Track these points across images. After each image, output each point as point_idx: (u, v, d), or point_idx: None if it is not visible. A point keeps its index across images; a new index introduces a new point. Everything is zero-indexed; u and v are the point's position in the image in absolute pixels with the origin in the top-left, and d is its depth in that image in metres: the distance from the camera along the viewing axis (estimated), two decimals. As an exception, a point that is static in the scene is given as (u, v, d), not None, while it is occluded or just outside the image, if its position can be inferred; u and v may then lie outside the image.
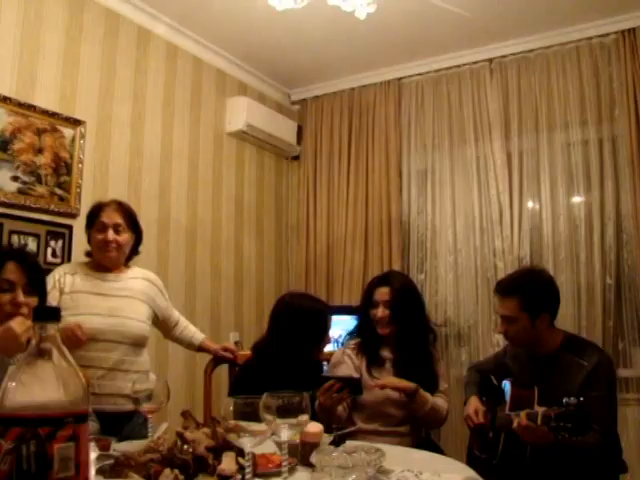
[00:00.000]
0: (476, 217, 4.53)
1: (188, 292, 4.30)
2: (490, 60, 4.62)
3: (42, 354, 0.97)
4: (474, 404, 2.76)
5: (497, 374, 2.80)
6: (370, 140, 5.02)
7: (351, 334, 3.04)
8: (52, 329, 0.98)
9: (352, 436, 2.26)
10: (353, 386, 2.48)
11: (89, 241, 2.92)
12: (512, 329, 2.63)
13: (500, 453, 2.57)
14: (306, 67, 4.98)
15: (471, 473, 1.75)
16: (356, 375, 2.72)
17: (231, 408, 1.37)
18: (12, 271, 1.99)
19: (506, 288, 2.69)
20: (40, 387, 0.94)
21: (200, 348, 3.29)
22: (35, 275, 2.06)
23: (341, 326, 3.83)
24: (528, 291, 2.63)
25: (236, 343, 4.56)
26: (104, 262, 2.84)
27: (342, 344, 3.09)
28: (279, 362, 2.76)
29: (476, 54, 4.65)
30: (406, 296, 2.95)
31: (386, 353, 2.88)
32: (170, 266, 4.17)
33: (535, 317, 2.58)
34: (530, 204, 4.42)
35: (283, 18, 3.79)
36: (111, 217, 2.85)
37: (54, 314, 0.99)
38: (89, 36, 3.76)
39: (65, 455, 0.91)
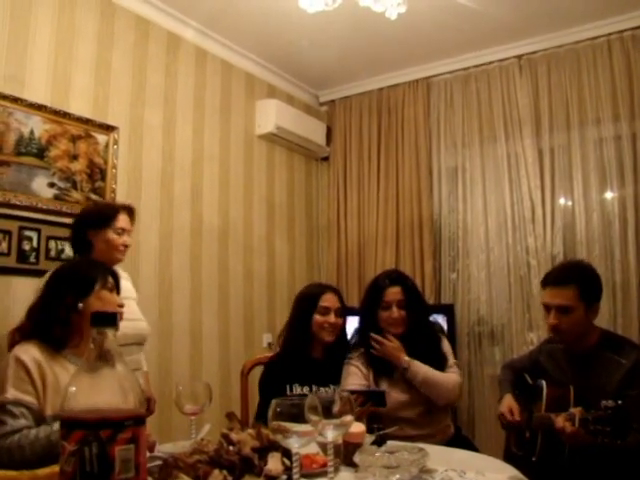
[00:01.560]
0: (508, 215, 4.50)
1: (221, 295, 4.34)
2: (519, 57, 4.59)
3: (101, 359, 0.99)
4: (508, 402, 2.73)
5: (531, 372, 2.77)
6: (399, 139, 5.02)
7: (354, 343, 3.00)
8: (111, 334, 1.00)
9: None
10: (377, 399, 2.48)
11: (89, 238, 2.89)
12: (566, 320, 2.54)
13: (539, 452, 2.55)
14: (334, 68, 4.99)
15: (515, 472, 1.75)
16: (379, 388, 2.70)
17: (278, 409, 1.38)
18: (124, 220, 2.19)
19: (562, 277, 2.60)
20: (100, 391, 0.97)
21: None
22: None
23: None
24: (585, 279, 2.58)
25: (269, 345, 4.60)
26: (112, 263, 2.79)
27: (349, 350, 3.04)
28: (283, 355, 2.88)
29: (505, 51, 4.62)
30: (418, 294, 2.96)
31: None
32: (203, 269, 4.21)
33: (589, 307, 2.54)
34: (562, 201, 4.39)
35: (311, 20, 3.81)
36: (126, 222, 2.95)
37: (112, 319, 1.01)
38: (120, 43, 3.82)
39: (125, 457, 0.93)
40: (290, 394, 2.70)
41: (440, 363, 2.83)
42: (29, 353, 1.94)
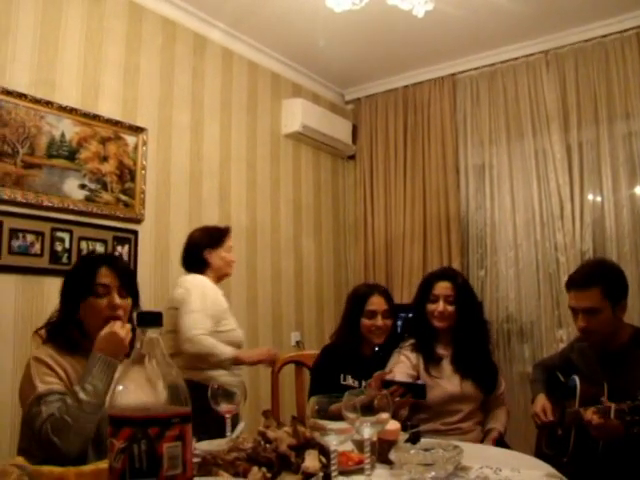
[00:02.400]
0: (536, 211, 4.48)
1: (250, 294, 4.37)
2: (546, 52, 4.55)
3: (146, 358, 1.01)
4: (542, 402, 2.72)
5: (563, 370, 2.75)
6: (426, 137, 5.01)
7: (404, 332, 3.03)
8: (155, 333, 1.02)
9: None
10: (417, 392, 2.48)
11: (204, 257, 3.39)
12: (594, 322, 2.53)
13: (571, 449, 2.53)
14: (359, 66, 5.00)
15: (551, 470, 1.74)
16: (420, 381, 2.71)
17: (316, 407, 1.39)
18: (106, 275, 2.04)
19: (585, 280, 2.58)
20: (147, 389, 0.98)
21: None
22: (127, 278, 2.11)
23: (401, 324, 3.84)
24: (608, 279, 2.56)
25: (297, 343, 4.62)
26: (224, 277, 3.55)
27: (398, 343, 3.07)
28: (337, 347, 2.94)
29: (531, 46, 4.60)
30: (468, 290, 2.96)
31: (442, 350, 2.86)
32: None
33: (616, 305, 2.52)
34: (591, 196, 4.35)
35: (337, 18, 3.80)
36: (231, 241, 3.53)
37: (156, 319, 1.03)
38: (148, 45, 3.86)
39: (173, 454, 0.95)
40: (344, 383, 2.80)
41: (491, 377, 2.87)
42: (47, 353, 1.96)
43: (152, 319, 1.03)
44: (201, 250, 3.38)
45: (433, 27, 4.22)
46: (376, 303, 2.92)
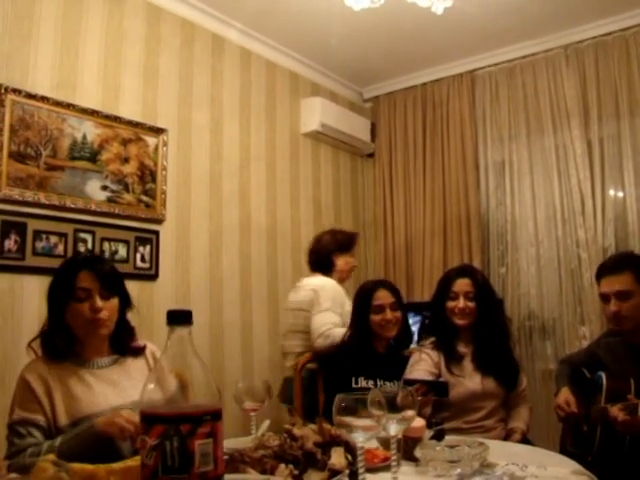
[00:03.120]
0: (557, 207, 4.45)
1: (270, 293, 4.38)
2: (565, 47, 4.51)
3: (176, 356, 1.02)
4: (565, 394, 2.70)
5: (589, 366, 2.74)
6: (445, 134, 4.99)
7: (424, 330, 3.02)
8: (184, 331, 1.02)
9: None
10: (439, 389, 2.47)
11: (333, 260, 3.73)
12: (627, 306, 2.53)
13: (597, 447, 2.51)
14: (378, 64, 4.99)
15: (577, 466, 1.73)
16: (442, 379, 2.71)
17: (343, 405, 1.40)
18: (86, 279, 2.01)
19: (617, 264, 2.61)
20: (177, 387, 0.99)
21: None
22: (109, 279, 2.07)
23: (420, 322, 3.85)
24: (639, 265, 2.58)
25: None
26: (346, 280, 3.87)
27: (417, 341, 3.06)
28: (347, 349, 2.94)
29: (551, 41, 4.56)
30: (488, 287, 2.96)
31: (462, 348, 2.85)
32: (252, 267, 4.25)
33: None
34: (613, 192, 4.31)
35: (354, 17, 3.79)
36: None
37: (185, 317, 1.03)
38: (167, 46, 3.88)
39: (205, 451, 0.96)
40: (355, 387, 2.78)
41: (512, 374, 2.85)
42: (34, 370, 1.95)
43: (180, 317, 1.03)
44: (330, 253, 3.71)
45: (451, 24, 4.20)
46: (382, 297, 2.94)
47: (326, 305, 3.35)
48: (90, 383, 1.99)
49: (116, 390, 1.98)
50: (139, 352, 2.15)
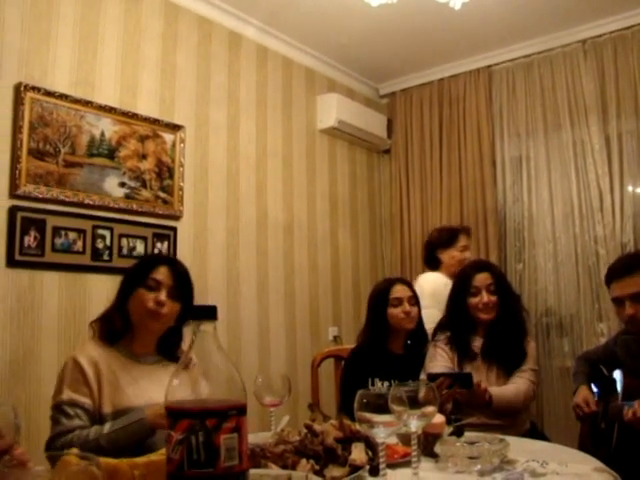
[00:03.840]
0: (575, 203, 4.42)
1: (287, 288, 4.39)
2: (583, 41, 4.48)
3: (202, 351, 1.03)
4: (583, 393, 2.69)
5: (607, 364, 2.73)
6: (461, 130, 4.98)
7: (441, 327, 3.01)
8: (209, 327, 1.03)
9: None
10: (464, 381, 2.47)
11: (437, 256, 3.95)
12: None
13: (615, 444, 2.50)
14: (394, 60, 4.98)
15: (599, 464, 1.72)
16: (466, 370, 2.69)
17: (364, 400, 1.40)
18: (162, 273, 2.11)
19: (628, 267, 2.53)
20: (202, 382, 1.00)
21: None
22: (183, 282, 2.16)
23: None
24: None
25: (335, 338, 4.63)
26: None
27: (432, 337, 3.05)
28: (362, 351, 2.91)
29: (568, 36, 4.52)
30: (506, 281, 2.96)
31: (477, 344, 2.84)
32: (269, 263, 4.27)
33: None
34: (631, 188, 4.27)
35: (371, 13, 3.79)
36: (465, 240, 4.00)
37: (210, 312, 1.04)
38: (184, 44, 3.89)
39: (230, 445, 0.96)
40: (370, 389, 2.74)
41: (517, 360, 2.79)
42: (86, 353, 2.02)
43: (206, 312, 1.04)
44: (434, 250, 3.90)
45: (468, 19, 4.18)
46: (400, 290, 2.94)
47: (427, 302, 3.37)
48: (136, 377, 2.05)
49: (159, 388, 2.00)
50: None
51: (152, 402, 1.89)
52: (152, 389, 2.00)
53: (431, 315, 3.24)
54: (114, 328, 2.10)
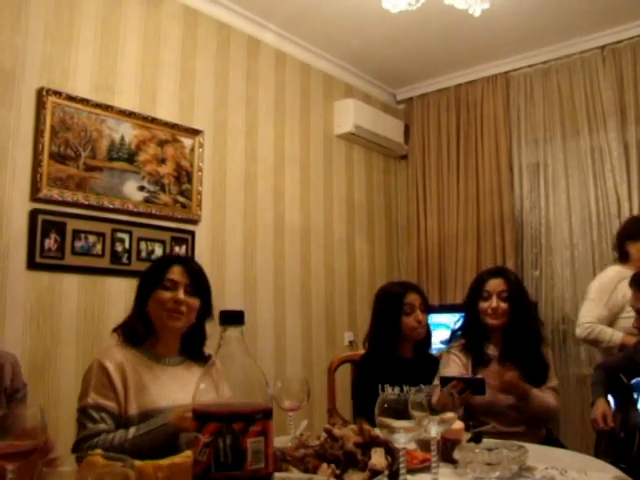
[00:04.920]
0: (592, 210, 4.40)
1: (304, 293, 4.40)
2: (602, 47, 4.46)
3: (228, 356, 1.04)
4: (602, 407, 2.67)
5: (627, 372, 2.71)
6: (479, 136, 4.97)
7: (455, 332, 2.99)
8: (235, 332, 1.04)
9: None
10: (476, 387, 2.45)
11: (626, 249, 3.54)
12: None
13: (635, 453, 2.49)
14: (411, 66, 4.99)
15: (618, 472, 1.72)
16: (479, 376, 2.67)
17: (385, 406, 1.40)
18: (177, 272, 2.14)
19: None
20: (229, 386, 1.02)
21: None
22: (198, 279, 2.18)
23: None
24: None
25: (351, 343, 4.64)
26: None
27: (447, 343, 3.02)
28: (372, 356, 2.89)
29: (587, 42, 4.51)
30: (521, 288, 2.93)
31: (491, 351, 2.81)
32: (286, 267, 4.28)
33: None
34: (650, 195, 4.26)
35: (389, 19, 3.80)
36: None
37: (237, 317, 1.06)
38: (203, 49, 3.93)
39: (257, 448, 0.98)
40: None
41: (540, 370, 2.75)
42: (112, 357, 2.04)
43: (233, 317, 1.06)
44: (622, 241, 3.58)
45: (486, 25, 4.18)
46: (413, 299, 2.90)
47: (590, 295, 3.38)
48: (160, 378, 2.07)
49: (184, 389, 2.02)
50: (206, 360, 2.19)
51: (176, 404, 1.91)
52: (176, 390, 2.01)
53: (589, 309, 3.32)
54: (136, 331, 2.12)
